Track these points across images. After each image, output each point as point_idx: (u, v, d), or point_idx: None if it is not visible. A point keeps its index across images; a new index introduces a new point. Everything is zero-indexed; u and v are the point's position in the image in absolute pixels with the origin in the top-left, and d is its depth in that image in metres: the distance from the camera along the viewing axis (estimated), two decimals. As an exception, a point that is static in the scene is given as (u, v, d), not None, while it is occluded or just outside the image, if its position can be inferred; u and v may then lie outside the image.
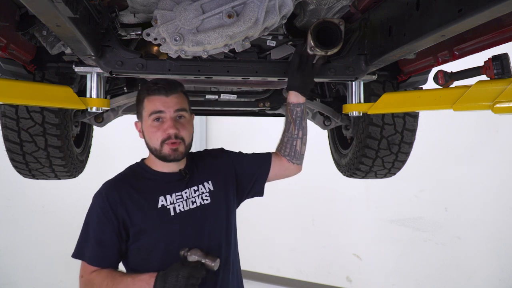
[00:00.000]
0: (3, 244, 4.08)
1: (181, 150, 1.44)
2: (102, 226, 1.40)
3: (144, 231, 1.41)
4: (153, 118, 1.43)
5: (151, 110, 1.43)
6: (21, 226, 4.21)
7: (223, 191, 1.56)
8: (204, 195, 1.51)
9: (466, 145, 4.03)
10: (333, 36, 1.41)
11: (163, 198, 1.45)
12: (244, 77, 1.49)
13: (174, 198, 1.46)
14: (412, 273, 4.31)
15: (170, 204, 1.45)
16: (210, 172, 1.57)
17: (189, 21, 1.19)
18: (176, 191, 1.48)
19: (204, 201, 1.50)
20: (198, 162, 1.61)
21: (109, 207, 1.41)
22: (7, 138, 1.92)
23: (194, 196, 1.49)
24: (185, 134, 1.45)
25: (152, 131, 1.44)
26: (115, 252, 1.40)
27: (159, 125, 1.43)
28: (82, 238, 1.44)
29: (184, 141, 1.45)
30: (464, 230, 4.02)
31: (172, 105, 1.43)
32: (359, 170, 2.34)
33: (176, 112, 1.44)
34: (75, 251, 1.43)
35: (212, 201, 1.51)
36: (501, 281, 3.80)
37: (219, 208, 1.53)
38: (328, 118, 2.46)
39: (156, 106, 1.42)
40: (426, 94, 1.55)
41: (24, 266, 4.20)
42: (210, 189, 1.53)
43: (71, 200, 4.55)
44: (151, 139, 1.45)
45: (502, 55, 1.26)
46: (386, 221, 4.47)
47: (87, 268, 1.40)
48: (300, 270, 4.76)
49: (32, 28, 1.36)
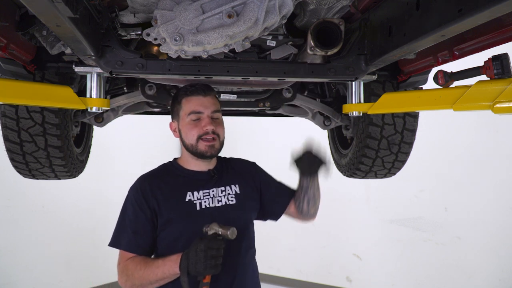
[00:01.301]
0: (3, 244, 4.08)
1: (216, 146, 1.55)
2: (136, 216, 1.49)
3: (170, 221, 1.49)
4: (192, 117, 1.53)
5: (190, 109, 1.54)
6: (21, 226, 4.21)
7: (248, 198, 1.64)
8: (230, 196, 1.59)
9: (466, 145, 4.03)
10: (333, 36, 1.41)
11: (190, 193, 1.54)
12: (244, 77, 1.49)
13: (201, 194, 1.55)
14: (412, 273, 4.31)
15: (196, 199, 1.53)
16: (239, 178, 1.66)
17: (189, 21, 1.19)
18: (204, 188, 1.56)
19: (230, 201, 1.58)
20: (229, 166, 1.70)
21: (143, 197, 1.50)
22: (7, 138, 1.92)
23: (221, 196, 1.57)
24: (220, 131, 1.57)
25: (189, 128, 1.54)
26: (149, 240, 1.49)
27: (196, 123, 1.54)
28: (118, 228, 1.53)
29: (219, 137, 1.56)
30: (464, 230, 4.01)
31: (209, 106, 1.54)
32: (359, 170, 2.34)
33: (213, 113, 1.55)
34: (112, 240, 1.53)
35: (237, 203, 1.59)
36: (501, 281, 3.80)
37: (242, 211, 1.60)
38: (328, 118, 2.46)
39: (195, 106, 1.53)
40: (426, 94, 1.55)
41: (24, 266, 4.19)
42: (236, 192, 1.61)
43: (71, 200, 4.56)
44: (188, 136, 1.54)
45: (502, 55, 1.26)
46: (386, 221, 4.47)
47: (124, 256, 1.49)
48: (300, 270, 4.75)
49: (32, 28, 1.36)
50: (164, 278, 1.38)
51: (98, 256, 4.69)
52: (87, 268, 4.71)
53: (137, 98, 2.10)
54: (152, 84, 1.98)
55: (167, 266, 1.37)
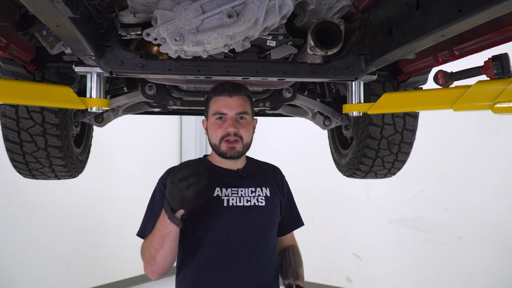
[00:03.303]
0: (3, 244, 4.08)
1: (238, 148, 1.55)
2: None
3: (197, 214, 1.49)
4: (216, 117, 1.55)
5: (215, 110, 1.55)
6: (21, 226, 4.21)
7: (277, 203, 1.65)
8: (260, 197, 1.59)
9: (466, 145, 4.03)
10: (333, 36, 1.41)
11: (219, 189, 1.55)
12: (244, 77, 1.49)
13: (229, 192, 1.56)
14: (412, 273, 4.31)
15: (224, 196, 1.55)
16: (270, 182, 1.66)
17: (189, 21, 1.19)
18: (233, 186, 1.58)
19: (259, 203, 1.58)
20: (260, 168, 1.71)
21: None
22: (7, 138, 1.92)
23: (250, 196, 1.58)
24: (244, 133, 1.56)
25: (213, 128, 1.56)
26: None
27: (221, 124, 1.55)
28: (146, 216, 1.55)
29: (242, 140, 1.56)
30: (464, 230, 4.02)
31: (234, 107, 1.54)
32: (359, 170, 2.34)
33: (238, 114, 1.55)
34: (140, 229, 1.54)
35: (266, 205, 1.59)
36: (501, 281, 3.80)
37: (270, 214, 1.61)
38: (328, 118, 2.46)
39: (220, 106, 1.55)
40: (426, 94, 1.55)
41: (24, 266, 4.20)
42: (267, 194, 1.61)
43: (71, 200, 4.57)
44: (212, 136, 1.57)
45: (502, 55, 1.26)
46: (386, 221, 4.48)
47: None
48: (300, 270, 4.75)
49: (32, 28, 1.36)
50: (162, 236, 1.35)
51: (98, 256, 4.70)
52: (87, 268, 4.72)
53: (137, 98, 2.10)
54: (152, 84, 1.98)
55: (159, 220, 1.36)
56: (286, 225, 1.73)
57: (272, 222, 1.61)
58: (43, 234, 4.36)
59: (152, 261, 1.40)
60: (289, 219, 1.74)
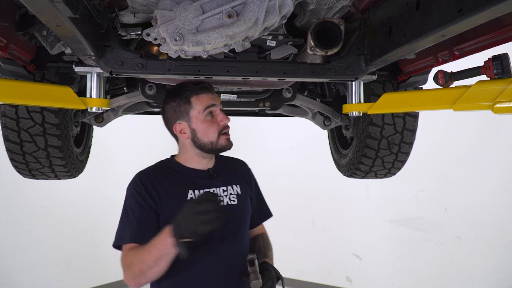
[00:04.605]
0: (3, 244, 4.08)
1: (231, 139, 1.57)
2: (140, 207, 1.46)
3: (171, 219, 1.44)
4: (207, 113, 1.53)
5: (205, 106, 1.52)
6: (21, 226, 4.21)
7: (248, 199, 1.65)
8: (232, 196, 1.59)
9: (466, 145, 4.03)
10: (333, 36, 1.41)
11: (192, 191, 1.52)
12: (244, 77, 1.49)
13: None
14: (412, 273, 4.31)
15: None
16: (239, 178, 1.66)
17: (189, 21, 1.19)
18: (205, 187, 1.55)
19: (231, 201, 1.58)
20: (227, 165, 1.69)
21: (144, 189, 1.48)
22: (7, 138, 1.92)
23: (222, 195, 1.57)
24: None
25: (206, 126, 1.52)
26: (155, 229, 1.41)
27: (212, 119, 1.54)
28: (121, 224, 1.49)
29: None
30: (464, 230, 4.02)
31: (218, 100, 1.57)
32: (359, 170, 2.34)
33: (221, 105, 1.58)
34: (115, 239, 1.48)
35: (239, 204, 1.59)
36: (501, 281, 3.80)
37: (243, 212, 1.61)
38: (328, 118, 2.46)
39: (208, 101, 1.53)
40: (426, 94, 1.55)
41: (24, 266, 4.19)
42: (238, 192, 1.61)
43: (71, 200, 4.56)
44: (207, 133, 1.52)
45: (502, 55, 1.26)
46: (386, 221, 4.47)
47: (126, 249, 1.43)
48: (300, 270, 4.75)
49: (32, 28, 1.36)
50: (160, 256, 1.30)
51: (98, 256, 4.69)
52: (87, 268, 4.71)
53: (137, 98, 2.10)
54: (152, 84, 1.98)
55: (160, 239, 1.31)
56: (257, 218, 1.73)
57: (246, 220, 1.62)
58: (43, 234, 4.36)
59: (141, 275, 1.35)
60: (259, 212, 1.75)
